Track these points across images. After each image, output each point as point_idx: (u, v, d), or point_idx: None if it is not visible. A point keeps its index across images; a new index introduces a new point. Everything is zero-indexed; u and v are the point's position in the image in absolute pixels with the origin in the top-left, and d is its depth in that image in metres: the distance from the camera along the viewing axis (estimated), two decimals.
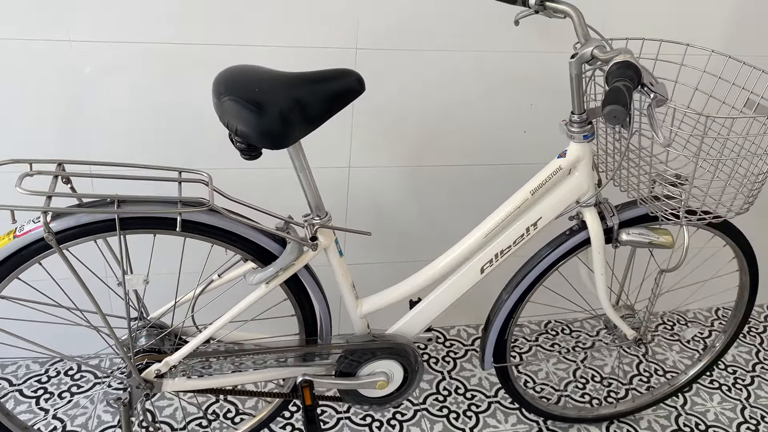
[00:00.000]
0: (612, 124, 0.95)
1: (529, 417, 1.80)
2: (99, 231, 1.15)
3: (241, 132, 1.07)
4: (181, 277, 1.62)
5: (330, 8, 1.49)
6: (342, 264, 1.33)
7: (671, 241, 1.40)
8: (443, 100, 1.68)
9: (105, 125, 1.51)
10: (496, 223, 1.36)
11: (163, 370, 1.27)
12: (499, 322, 1.52)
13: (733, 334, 1.72)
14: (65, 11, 1.37)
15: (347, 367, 1.40)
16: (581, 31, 1.23)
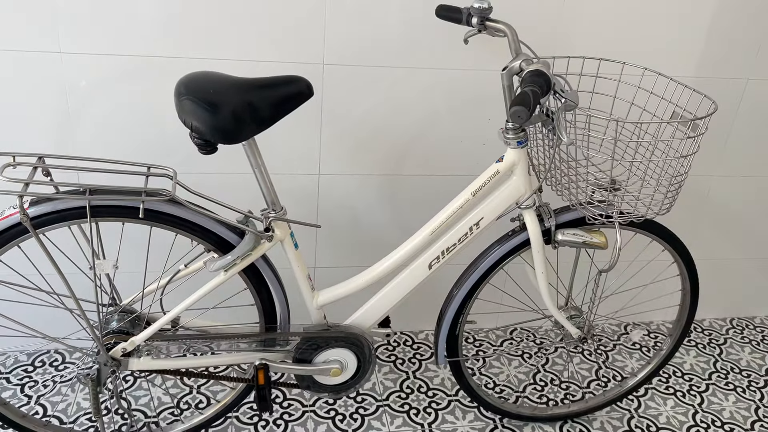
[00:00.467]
0: (516, 123, 1.07)
1: (486, 415, 1.89)
2: (72, 218, 1.28)
3: (197, 128, 1.21)
4: (153, 266, 1.73)
5: (298, 26, 1.64)
6: (298, 256, 1.46)
7: (604, 241, 1.50)
8: (408, 114, 1.81)
9: (90, 128, 1.66)
10: (441, 222, 1.48)
11: (129, 349, 1.39)
12: (450, 317, 1.63)
13: (678, 338, 1.81)
14: (57, 24, 1.53)
15: (303, 354, 1.51)
16: (514, 47, 1.37)
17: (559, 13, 1.75)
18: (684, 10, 1.81)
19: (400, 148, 1.86)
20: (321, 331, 1.51)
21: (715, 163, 2.09)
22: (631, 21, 1.80)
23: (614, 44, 1.82)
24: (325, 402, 1.88)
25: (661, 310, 2.22)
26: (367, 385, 1.96)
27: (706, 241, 2.24)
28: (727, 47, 1.90)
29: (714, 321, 2.42)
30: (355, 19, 1.66)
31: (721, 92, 1.97)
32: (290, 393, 1.90)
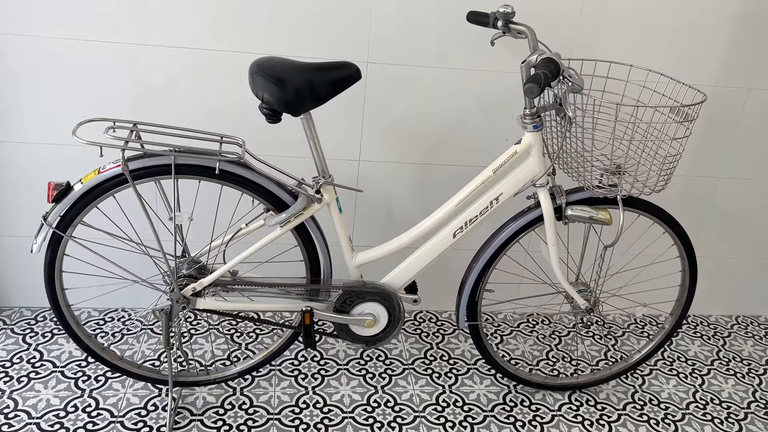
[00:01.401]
0: (528, 97, 1.31)
1: (501, 381, 2.10)
2: (158, 174, 1.56)
3: (267, 99, 1.47)
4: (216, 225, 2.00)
5: (346, 29, 1.91)
6: (341, 219, 1.70)
7: (609, 218, 1.72)
8: (440, 110, 2.06)
9: (171, 108, 1.95)
10: (465, 196, 1.72)
11: (197, 289, 1.65)
12: (470, 285, 1.85)
13: (678, 316, 2.00)
14: (143, 19, 1.83)
15: (343, 305, 1.75)
16: (532, 45, 1.61)
17: (576, 22, 1.99)
18: (690, 23, 2.04)
19: (432, 140, 2.11)
20: (359, 286, 1.75)
21: (720, 166, 2.29)
22: (642, 32, 2.03)
23: (626, 51, 2.05)
24: (357, 362, 2.11)
25: (663, 290, 2.40)
26: (395, 351, 2.18)
27: (712, 239, 2.42)
28: (730, 58, 2.11)
29: (720, 317, 2.59)
30: (397, 23, 1.93)
31: (725, 100, 2.18)
32: (327, 354, 2.13)
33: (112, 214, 1.81)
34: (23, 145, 1.95)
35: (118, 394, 1.87)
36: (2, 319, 2.15)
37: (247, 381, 1.97)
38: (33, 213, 2.06)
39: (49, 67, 1.86)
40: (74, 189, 1.55)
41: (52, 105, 1.91)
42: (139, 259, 1.93)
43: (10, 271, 2.15)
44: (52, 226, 1.56)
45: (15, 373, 1.92)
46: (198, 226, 2.05)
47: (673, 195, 2.31)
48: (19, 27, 1.80)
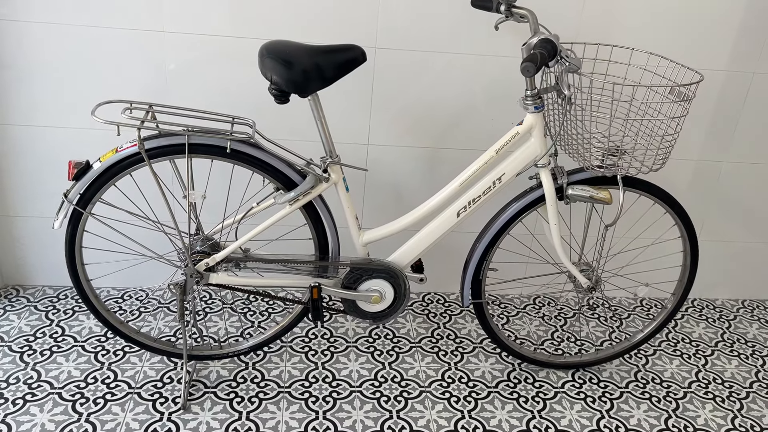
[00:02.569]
0: (525, 76, 1.37)
1: (506, 359, 2.15)
2: (173, 153, 1.63)
3: (275, 81, 1.54)
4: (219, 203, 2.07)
5: (354, 14, 1.97)
6: (348, 198, 1.77)
7: (609, 197, 1.76)
8: (449, 94, 2.12)
9: (185, 90, 2.03)
10: (469, 176, 1.77)
11: (210, 264, 1.72)
12: (474, 264, 1.90)
13: (680, 296, 2.03)
14: (161, 7, 1.91)
15: (350, 281, 1.82)
16: (533, 27, 1.65)
17: (582, 8, 2.03)
18: (695, 8, 2.07)
19: (440, 124, 2.17)
20: (365, 263, 1.81)
21: (725, 150, 2.32)
22: (648, 18, 2.06)
23: (632, 38, 2.09)
24: (366, 340, 2.17)
25: (666, 270, 2.43)
26: (402, 330, 2.25)
27: (718, 223, 2.45)
28: (735, 44, 2.14)
29: (726, 300, 2.62)
30: (405, 9, 1.98)
31: (729, 85, 2.21)
32: (336, 332, 2.20)
33: (129, 192, 1.89)
34: (44, 129, 2.04)
35: (135, 367, 1.95)
36: (26, 297, 2.24)
37: (259, 356, 2.04)
38: (55, 195, 2.14)
39: (69, 54, 1.95)
40: (93, 167, 1.63)
41: (72, 90, 2.00)
42: (155, 237, 2.01)
43: (33, 252, 2.24)
44: (73, 203, 1.64)
45: (38, 347, 2.00)
46: (211, 205, 2.12)
47: (678, 179, 2.34)
48: (41, 15, 1.89)
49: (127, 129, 1.54)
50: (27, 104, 2.00)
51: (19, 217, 2.17)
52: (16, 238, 2.21)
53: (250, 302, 2.32)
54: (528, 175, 1.83)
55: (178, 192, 2.07)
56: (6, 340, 2.03)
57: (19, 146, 2.06)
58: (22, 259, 2.25)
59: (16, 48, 1.93)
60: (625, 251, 2.39)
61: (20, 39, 1.91)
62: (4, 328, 2.08)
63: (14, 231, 2.20)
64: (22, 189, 2.13)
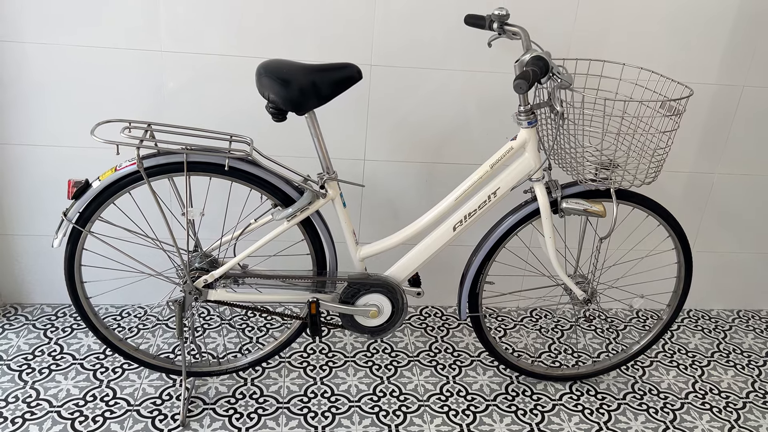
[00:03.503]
0: (518, 92, 1.39)
1: (504, 372, 2.16)
2: (171, 171, 1.64)
3: (272, 99, 1.56)
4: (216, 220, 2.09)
5: (349, 33, 2.00)
6: (345, 213, 1.78)
7: (603, 210, 1.79)
8: (443, 109, 2.14)
9: (182, 108, 2.05)
10: (464, 190, 1.79)
11: (209, 281, 1.73)
12: (471, 277, 1.92)
13: (675, 307, 2.05)
14: (159, 27, 1.93)
15: (348, 296, 1.83)
16: (526, 45, 1.68)
17: (572, 23, 2.06)
18: (685, 24, 2.10)
19: (435, 139, 2.19)
20: (363, 278, 1.82)
21: (717, 162, 2.35)
22: (638, 33, 2.10)
23: (622, 52, 2.12)
24: (364, 354, 2.18)
25: (661, 282, 2.45)
26: (400, 344, 2.26)
27: (712, 234, 2.48)
28: (724, 58, 2.17)
29: (721, 311, 2.64)
30: (399, 27, 2.01)
31: (720, 98, 2.24)
32: (334, 347, 2.21)
33: (127, 210, 1.91)
34: (42, 147, 2.06)
35: (134, 385, 1.95)
36: (24, 315, 2.25)
37: (257, 372, 2.05)
38: (53, 214, 2.16)
39: (68, 73, 1.97)
40: (92, 186, 1.64)
41: (71, 109, 2.02)
42: (153, 254, 2.02)
43: (32, 270, 2.25)
44: (72, 222, 1.65)
45: (37, 365, 2.01)
46: (209, 222, 2.14)
47: (672, 191, 2.36)
48: (39, 36, 1.91)
49: (125, 147, 1.56)
50: (25, 123, 2.02)
51: (17, 235, 2.18)
52: (14, 257, 2.22)
53: (248, 318, 2.33)
54: (523, 189, 1.85)
55: (176, 209, 2.08)
56: (5, 358, 2.03)
57: (17, 165, 2.08)
58: (21, 277, 2.26)
59: (14, 67, 1.95)
60: (619, 263, 2.41)
61: (18, 58, 1.94)
62: (3, 347, 2.08)
63: (12, 249, 2.21)
64: (20, 207, 2.14)
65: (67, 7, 1.89)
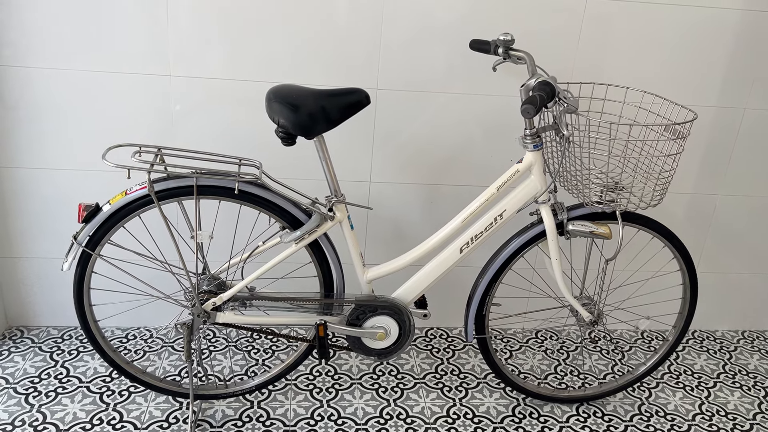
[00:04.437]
0: (525, 117, 1.41)
1: (511, 394, 2.16)
2: (181, 195, 1.66)
3: (282, 124, 1.58)
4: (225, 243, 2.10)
5: (356, 57, 2.03)
6: (353, 235, 1.79)
7: (608, 232, 1.80)
8: (448, 132, 2.17)
9: (190, 133, 2.07)
10: (471, 213, 1.80)
11: (217, 303, 1.74)
12: (477, 299, 1.92)
13: (681, 329, 2.06)
14: (167, 52, 1.96)
15: (355, 318, 1.83)
16: (531, 69, 1.71)
17: (575, 47, 2.09)
18: (686, 47, 2.13)
19: (440, 161, 2.21)
20: (370, 300, 1.83)
21: (719, 184, 2.37)
22: (640, 56, 2.13)
23: (624, 75, 2.15)
24: (370, 376, 2.18)
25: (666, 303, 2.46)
26: (406, 366, 2.25)
27: (716, 255, 2.49)
28: (726, 80, 2.20)
29: (726, 332, 2.64)
30: (404, 51, 2.04)
31: (722, 120, 2.26)
32: (340, 369, 2.21)
33: (136, 233, 1.92)
34: (49, 171, 2.07)
35: (141, 408, 1.95)
36: (30, 338, 2.25)
37: (264, 395, 2.05)
38: (59, 236, 2.17)
39: (77, 98, 1.99)
40: (103, 210, 1.65)
41: (81, 133, 2.04)
42: (159, 276, 2.03)
43: (38, 292, 2.25)
44: (82, 245, 1.66)
45: (43, 389, 2.01)
46: (217, 244, 2.15)
47: (675, 212, 2.38)
48: (51, 61, 1.94)
49: (134, 171, 1.57)
50: (33, 146, 2.04)
51: (24, 258, 2.19)
52: (21, 279, 2.23)
53: (254, 340, 2.33)
54: (529, 211, 1.87)
55: (184, 232, 2.10)
56: (11, 381, 2.03)
57: (24, 187, 2.09)
58: (27, 299, 2.26)
59: (20, 90, 1.97)
60: (625, 284, 2.42)
61: (24, 82, 1.96)
62: (9, 370, 2.08)
63: (19, 272, 2.21)
64: (26, 230, 2.16)
65: (75, 33, 1.92)
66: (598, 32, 2.08)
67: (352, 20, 1.99)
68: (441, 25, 2.03)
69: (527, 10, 2.03)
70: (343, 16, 1.99)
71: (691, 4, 2.08)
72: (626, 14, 2.07)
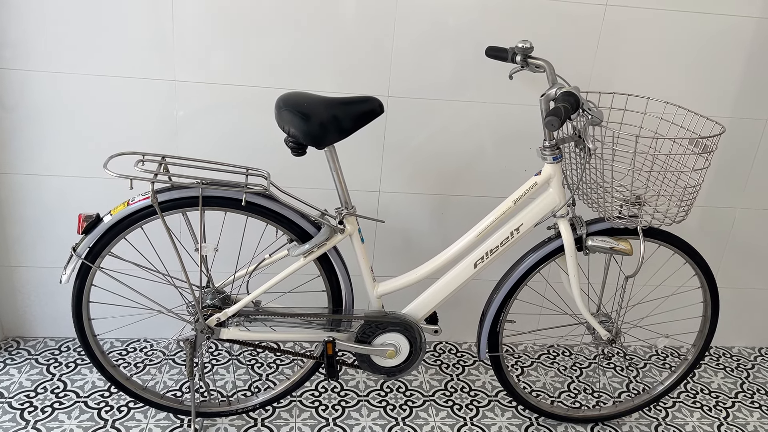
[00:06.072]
0: (549, 130, 1.34)
1: (523, 413, 2.09)
2: (185, 206, 1.59)
3: (293, 133, 1.51)
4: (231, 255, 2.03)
5: (368, 65, 1.96)
6: (363, 249, 1.72)
7: (629, 248, 1.73)
8: (460, 141, 2.10)
9: (194, 139, 2.00)
10: (486, 226, 1.73)
11: (222, 319, 1.67)
12: (491, 316, 1.85)
13: (701, 348, 1.99)
14: (172, 57, 1.89)
15: (364, 335, 1.76)
16: (551, 78, 1.64)
17: (593, 55, 2.03)
18: (706, 56, 2.07)
19: (451, 171, 2.14)
20: (380, 316, 1.76)
21: (738, 197, 2.30)
22: (658, 65, 2.06)
23: (643, 84, 2.08)
24: (377, 393, 2.10)
25: (685, 321, 2.39)
26: (415, 383, 2.18)
27: (733, 270, 2.41)
28: (746, 91, 2.13)
29: (743, 348, 2.57)
30: (416, 58, 1.97)
31: (742, 132, 2.19)
32: (347, 385, 2.13)
33: (137, 244, 1.85)
34: (48, 177, 2.00)
35: (140, 425, 1.88)
36: (27, 349, 2.18)
37: (268, 412, 1.97)
38: (57, 245, 2.10)
39: (78, 102, 1.92)
40: (104, 220, 1.58)
41: (82, 138, 1.97)
42: (161, 290, 1.96)
43: (35, 303, 2.18)
44: (81, 257, 1.59)
45: (39, 403, 1.93)
46: (222, 256, 2.08)
47: (692, 226, 2.31)
48: (51, 64, 1.87)
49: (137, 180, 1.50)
50: (32, 151, 1.97)
51: (21, 267, 2.12)
52: (17, 289, 2.15)
53: (257, 354, 2.26)
54: (546, 225, 1.80)
55: (187, 243, 2.02)
56: (6, 396, 1.95)
57: (22, 194, 2.02)
58: (23, 309, 2.19)
59: (19, 94, 1.90)
60: (643, 302, 2.34)
61: (24, 85, 1.89)
62: (4, 383, 2.01)
63: (15, 281, 2.14)
64: (24, 239, 2.09)
65: (76, 36, 1.85)
66: (616, 41, 2.01)
67: (362, 26, 1.93)
68: (453, 32, 1.96)
69: (542, 17, 1.97)
70: (353, 23, 1.92)
71: (710, 12, 2.01)
72: (644, 23, 2.00)
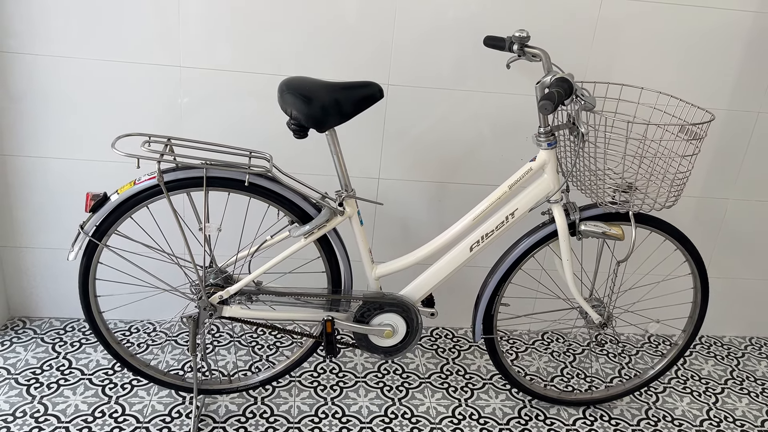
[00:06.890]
0: (543, 114, 1.39)
1: (517, 396, 2.14)
2: (190, 186, 1.64)
3: (295, 116, 1.56)
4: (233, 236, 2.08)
5: (368, 52, 2.01)
6: (362, 231, 1.77)
7: (621, 233, 1.77)
8: (459, 130, 2.15)
9: (198, 123, 2.05)
10: (482, 210, 1.78)
11: (224, 297, 1.72)
12: (486, 299, 1.90)
13: (691, 333, 2.03)
14: (178, 43, 1.94)
15: (362, 315, 1.81)
16: (546, 66, 1.69)
17: (590, 46, 2.07)
18: (699, 49, 2.11)
19: (450, 159, 2.19)
20: (378, 297, 1.81)
21: (730, 188, 2.34)
22: (653, 57, 2.11)
23: (638, 76, 2.13)
24: (375, 375, 2.15)
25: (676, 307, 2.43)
26: (411, 366, 2.23)
27: (725, 260, 2.46)
28: (740, 83, 2.18)
29: (734, 338, 2.62)
30: (417, 47, 2.02)
31: (735, 123, 2.24)
32: (345, 367, 2.19)
33: (143, 224, 1.90)
34: (55, 160, 2.05)
35: (143, 401, 1.93)
36: (33, 329, 2.23)
37: (267, 391, 2.02)
38: (63, 227, 2.15)
39: (84, 87, 1.97)
40: (111, 199, 1.63)
41: (88, 122, 2.02)
42: (164, 269, 2.00)
43: (40, 283, 2.23)
44: (89, 235, 1.64)
45: (45, 380, 1.98)
46: (225, 237, 2.13)
47: (685, 216, 2.36)
48: (58, 49, 1.92)
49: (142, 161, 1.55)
50: (38, 134, 2.02)
51: (27, 248, 2.17)
52: (23, 270, 2.20)
53: (258, 335, 2.31)
54: (540, 211, 1.85)
55: (192, 224, 2.07)
56: (12, 372, 2.01)
57: (29, 176, 2.07)
58: (29, 290, 2.24)
59: (27, 80, 1.95)
60: (635, 287, 2.39)
61: (32, 69, 1.94)
62: (11, 361, 2.06)
63: (22, 262, 2.19)
64: (30, 220, 2.13)
65: (83, 21, 1.90)
66: (613, 33, 2.06)
67: (364, 14, 1.97)
68: (454, 22, 2.01)
69: (541, 9, 2.01)
70: (355, 11, 1.97)
71: (706, 5, 2.05)
72: (640, 15, 2.05)
